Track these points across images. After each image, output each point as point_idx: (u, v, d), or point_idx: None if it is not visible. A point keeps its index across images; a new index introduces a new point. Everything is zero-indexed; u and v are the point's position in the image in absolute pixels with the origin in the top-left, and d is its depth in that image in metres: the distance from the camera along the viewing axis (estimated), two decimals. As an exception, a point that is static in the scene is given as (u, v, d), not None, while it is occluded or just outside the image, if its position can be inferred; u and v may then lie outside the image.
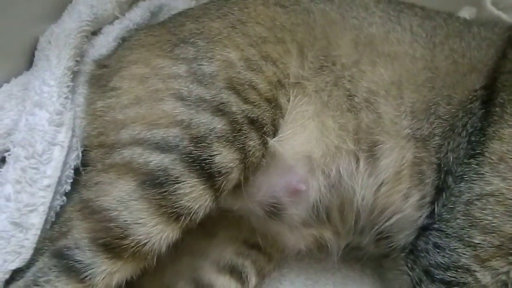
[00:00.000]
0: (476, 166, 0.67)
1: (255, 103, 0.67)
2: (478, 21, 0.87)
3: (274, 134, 0.69)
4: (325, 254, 0.78)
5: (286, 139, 0.69)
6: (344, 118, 0.71)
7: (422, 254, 0.67)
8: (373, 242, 0.75)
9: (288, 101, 0.71)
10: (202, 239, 0.76)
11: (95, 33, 0.81)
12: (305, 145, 0.70)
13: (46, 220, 0.62)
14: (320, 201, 0.71)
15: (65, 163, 0.67)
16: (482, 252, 0.62)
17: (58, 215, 0.64)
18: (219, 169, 0.61)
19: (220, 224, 0.77)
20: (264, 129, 0.67)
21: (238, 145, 0.64)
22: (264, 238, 0.77)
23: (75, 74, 0.74)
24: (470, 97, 0.72)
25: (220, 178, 0.61)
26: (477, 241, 0.63)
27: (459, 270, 0.63)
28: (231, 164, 0.62)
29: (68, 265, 0.55)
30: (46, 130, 0.66)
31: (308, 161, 0.70)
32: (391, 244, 0.73)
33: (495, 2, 0.96)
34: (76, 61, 0.74)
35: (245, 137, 0.64)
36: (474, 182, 0.66)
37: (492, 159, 0.66)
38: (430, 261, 0.65)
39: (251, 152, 0.65)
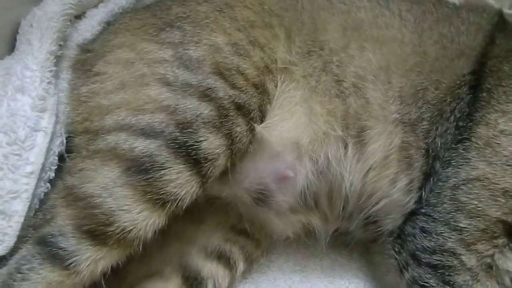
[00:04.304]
0: (462, 151, 0.68)
1: (242, 89, 0.66)
2: (467, 6, 0.86)
3: (262, 120, 0.69)
4: (313, 240, 0.78)
5: (274, 125, 0.69)
6: (332, 104, 0.71)
7: (409, 238, 0.68)
8: (361, 227, 0.76)
9: (276, 86, 0.70)
10: (190, 225, 0.76)
11: (79, 16, 0.79)
12: (292, 131, 0.70)
13: (29, 208, 0.61)
14: (308, 188, 0.71)
15: (49, 149, 0.66)
16: (467, 236, 0.63)
17: (42, 202, 0.63)
18: (205, 155, 0.61)
19: (207, 210, 0.76)
20: (251, 115, 0.66)
21: (224, 131, 0.63)
22: (252, 224, 0.77)
23: (58, 59, 0.72)
24: (458, 82, 0.72)
25: (206, 164, 0.61)
26: (463, 225, 0.63)
27: (445, 253, 0.64)
28: (218, 150, 0.62)
29: (52, 253, 0.54)
30: (29, 116, 0.65)
31: (296, 148, 0.70)
32: (379, 229, 0.74)
33: (482, -12, 0.95)
34: (59, 45, 0.73)
35: (232, 123, 0.64)
36: (461, 167, 0.67)
37: (478, 144, 0.67)
38: (417, 245, 0.66)
39: (238, 138, 0.64)
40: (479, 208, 0.63)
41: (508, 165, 0.64)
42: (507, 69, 0.71)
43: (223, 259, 0.76)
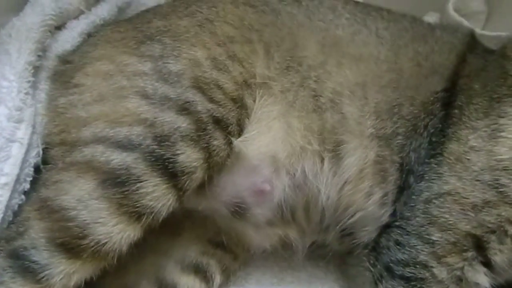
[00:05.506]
0: (435, 166, 0.69)
1: (221, 103, 0.67)
2: (441, 25, 0.89)
3: (239, 134, 0.69)
4: (290, 253, 0.78)
5: (251, 139, 0.70)
6: (309, 119, 0.72)
7: (384, 251, 0.69)
8: (337, 239, 0.77)
9: (254, 101, 0.71)
10: (166, 238, 0.75)
11: (59, 27, 0.79)
12: (270, 145, 0.70)
13: (3, 219, 0.60)
14: (284, 201, 0.72)
15: (24, 160, 0.65)
16: (439, 249, 0.64)
17: (16, 214, 0.62)
18: (182, 168, 0.61)
19: (184, 223, 0.76)
20: (229, 129, 0.67)
21: (202, 145, 0.63)
22: (229, 237, 0.77)
23: (36, 70, 0.72)
24: (432, 98, 0.74)
25: (183, 178, 0.61)
26: (434, 238, 0.65)
27: (417, 266, 0.65)
28: (195, 163, 0.62)
29: (24, 266, 0.53)
30: (4, 127, 0.64)
31: (273, 161, 0.70)
32: (355, 241, 0.75)
33: (457, 8, 0.99)
34: (38, 55, 0.72)
35: (209, 137, 0.64)
36: (433, 181, 0.68)
37: (450, 159, 0.68)
38: (391, 258, 0.67)
39: (215, 152, 0.65)
40: (450, 222, 0.65)
41: (477, 180, 0.66)
42: (477, 88, 0.74)
43: (200, 272, 0.75)
